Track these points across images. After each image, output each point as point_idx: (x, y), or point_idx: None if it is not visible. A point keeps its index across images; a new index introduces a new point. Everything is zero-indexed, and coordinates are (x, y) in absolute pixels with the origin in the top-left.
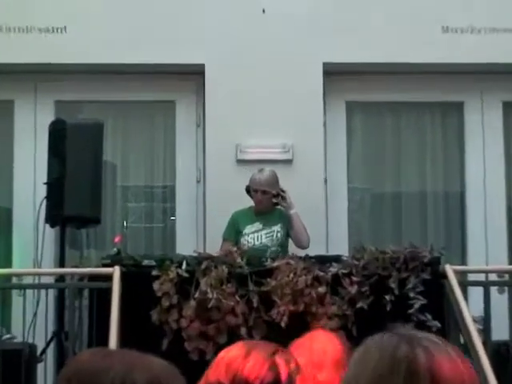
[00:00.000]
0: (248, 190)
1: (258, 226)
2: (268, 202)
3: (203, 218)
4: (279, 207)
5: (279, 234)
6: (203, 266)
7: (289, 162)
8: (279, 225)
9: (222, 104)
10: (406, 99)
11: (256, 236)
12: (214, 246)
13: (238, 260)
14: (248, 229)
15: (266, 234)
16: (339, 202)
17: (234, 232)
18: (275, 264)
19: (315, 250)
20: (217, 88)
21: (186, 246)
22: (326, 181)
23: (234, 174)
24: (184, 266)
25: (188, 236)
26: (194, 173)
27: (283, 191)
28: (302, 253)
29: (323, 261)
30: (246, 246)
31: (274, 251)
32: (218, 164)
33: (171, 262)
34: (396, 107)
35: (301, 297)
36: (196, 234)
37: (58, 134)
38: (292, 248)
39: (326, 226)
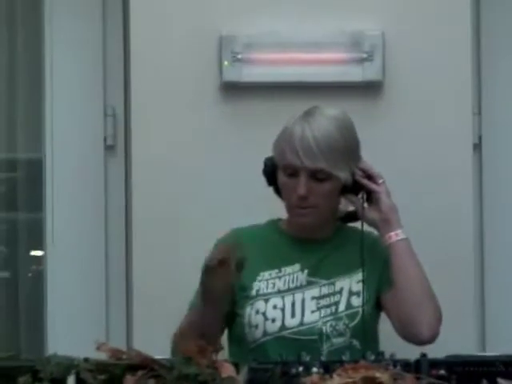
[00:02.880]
0: (270, 172)
1: (295, 273)
2: (328, 206)
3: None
4: (356, 227)
5: (358, 299)
6: None
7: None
8: (359, 274)
9: None
10: None
11: (289, 302)
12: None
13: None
14: (265, 281)
15: (320, 297)
16: None
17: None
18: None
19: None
20: None
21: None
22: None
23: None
24: None
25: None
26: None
27: (371, 176)
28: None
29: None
30: (259, 328)
31: (341, 346)
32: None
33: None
34: None
35: None
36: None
37: None
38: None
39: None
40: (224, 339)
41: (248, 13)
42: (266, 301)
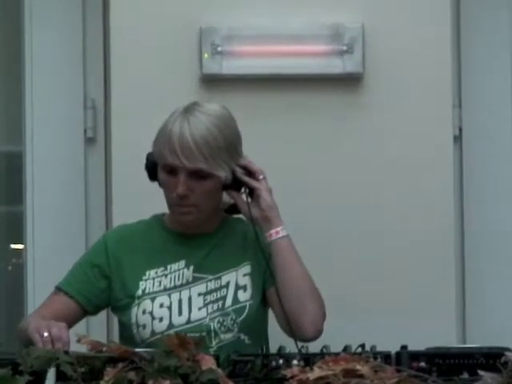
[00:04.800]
0: (151, 168)
1: (180, 270)
2: (209, 203)
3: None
4: (240, 217)
5: (245, 294)
6: None
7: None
8: (245, 268)
9: None
10: None
11: (176, 300)
12: None
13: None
14: (151, 280)
15: (207, 293)
16: None
17: (96, 283)
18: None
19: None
20: None
21: None
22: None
23: None
24: None
25: None
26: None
27: (252, 173)
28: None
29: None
30: (146, 328)
31: (229, 342)
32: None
33: None
34: None
35: None
36: None
37: None
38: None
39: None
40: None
41: (228, 5)
42: (153, 300)
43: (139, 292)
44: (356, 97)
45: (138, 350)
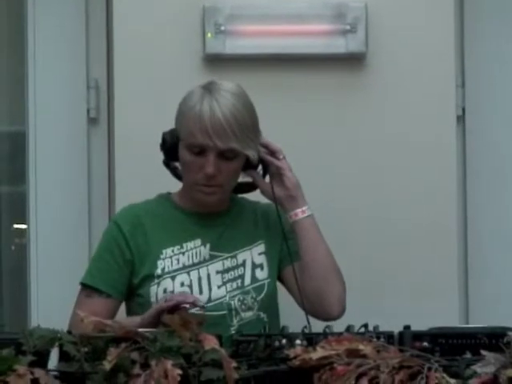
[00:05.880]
0: (170, 147)
1: (197, 248)
2: (232, 183)
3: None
4: (247, 197)
5: (262, 272)
6: None
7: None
8: (260, 247)
9: None
10: None
11: (196, 277)
12: None
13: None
14: (169, 258)
15: (224, 271)
16: None
17: (124, 271)
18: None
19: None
20: None
21: None
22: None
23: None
24: None
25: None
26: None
27: (273, 152)
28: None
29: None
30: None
31: (250, 320)
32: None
33: None
34: None
35: None
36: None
37: None
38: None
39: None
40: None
41: None
42: (173, 278)
43: (158, 271)
44: (359, 76)
45: (140, 329)
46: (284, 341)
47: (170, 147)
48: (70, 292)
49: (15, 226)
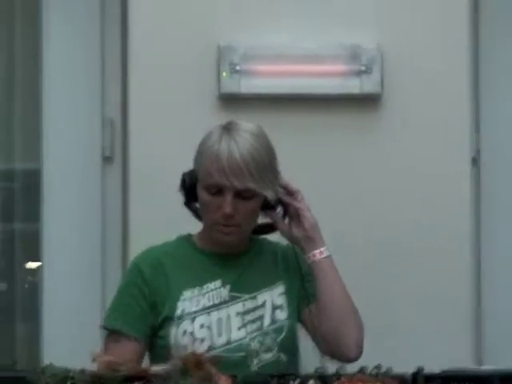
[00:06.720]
0: (189, 188)
1: (217, 289)
2: (251, 223)
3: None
4: (267, 238)
5: (282, 313)
6: None
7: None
8: (280, 287)
9: None
10: None
11: (216, 319)
12: None
13: None
14: (189, 300)
15: (245, 313)
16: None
17: (148, 314)
18: None
19: None
20: None
21: None
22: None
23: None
24: None
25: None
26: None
27: (291, 192)
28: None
29: None
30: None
31: (270, 361)
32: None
33: None
34: None
35: None
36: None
37: None
38: None
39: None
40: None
41: (247, 24)
42: (193, 320)
43: (178, 312)
44: (373, 117)
45: (153, 368)
46: (297, 381)
47: (190, 188)
48: (83, 331)
49: (29, 263)
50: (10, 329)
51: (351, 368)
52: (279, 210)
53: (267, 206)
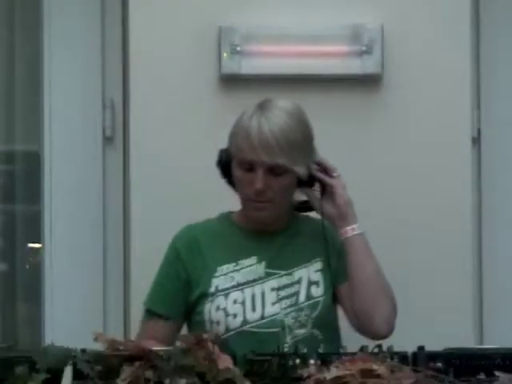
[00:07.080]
0: (225, 164)
1: (253, 265)
2: (284, 199)
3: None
4: (312, 216)
5: (318, 289)
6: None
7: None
8: (317, 264)
9: None
10: None
11: (249, 295)
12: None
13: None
14: (223, 276)
15: (280, 288)
16: None
17: (181, 293)
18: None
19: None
20: None
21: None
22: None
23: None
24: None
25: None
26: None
27: (326, 169)
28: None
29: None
30: (221, 324)
31: (304, 337)
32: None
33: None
34: None
35: None
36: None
37: None
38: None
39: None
40: None
41: (247, 4)
42: (226, 296)
43: (212, 289)
44: (375, 97)
45: (154, 348)
46: (297, 360)
47: (225, 164)
48: (84, 310)
49: (30, 244)
50: (12, 309)
51: (352, 347)
52: (316, 186)
53: (304, 183)
